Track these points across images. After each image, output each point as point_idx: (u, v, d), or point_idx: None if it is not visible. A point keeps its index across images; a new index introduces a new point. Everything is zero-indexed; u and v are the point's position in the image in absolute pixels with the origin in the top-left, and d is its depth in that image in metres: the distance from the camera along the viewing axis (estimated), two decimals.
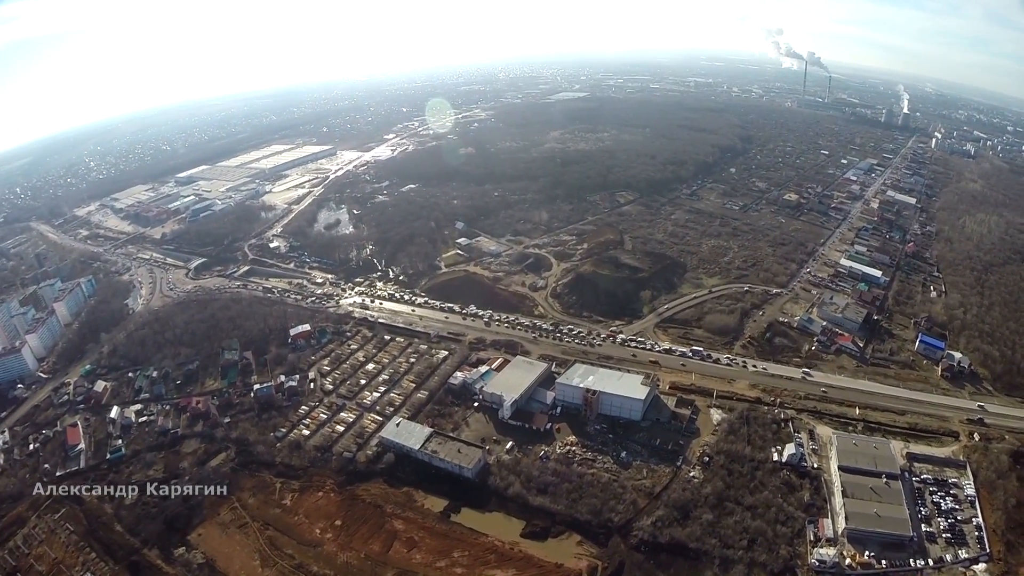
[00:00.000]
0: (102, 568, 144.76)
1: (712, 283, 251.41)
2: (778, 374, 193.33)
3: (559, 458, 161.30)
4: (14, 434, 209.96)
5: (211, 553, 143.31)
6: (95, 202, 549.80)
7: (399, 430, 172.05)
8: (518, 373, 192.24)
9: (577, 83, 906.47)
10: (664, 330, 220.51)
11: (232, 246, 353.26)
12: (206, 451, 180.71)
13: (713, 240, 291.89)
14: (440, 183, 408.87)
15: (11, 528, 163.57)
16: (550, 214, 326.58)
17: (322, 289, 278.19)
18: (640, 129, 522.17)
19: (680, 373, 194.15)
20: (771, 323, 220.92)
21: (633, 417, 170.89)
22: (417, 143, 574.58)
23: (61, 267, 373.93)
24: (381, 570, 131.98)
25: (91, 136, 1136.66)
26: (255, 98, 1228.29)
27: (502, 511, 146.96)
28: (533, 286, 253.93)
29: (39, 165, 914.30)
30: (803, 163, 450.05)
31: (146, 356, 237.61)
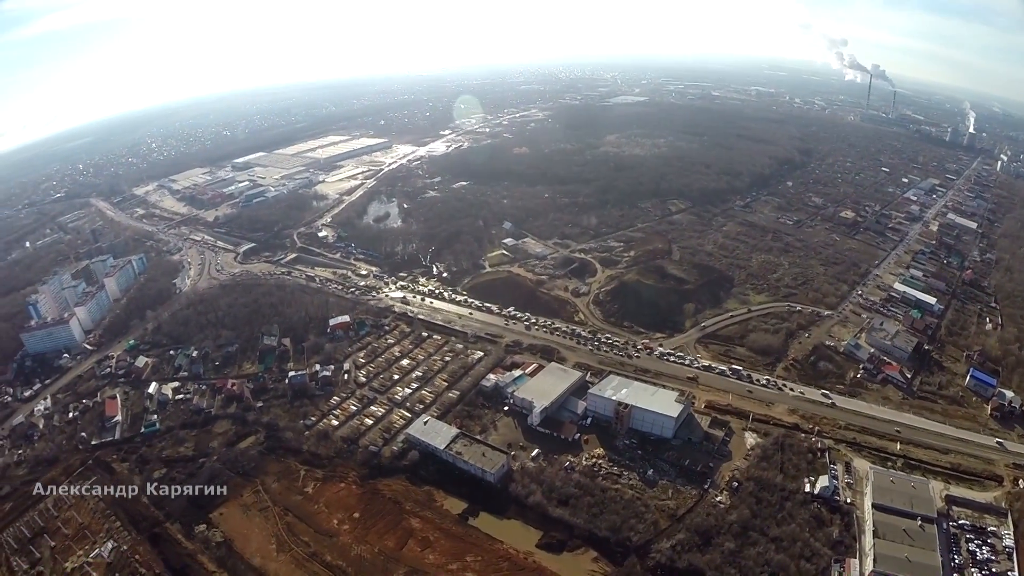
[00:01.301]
0: (124, 537, 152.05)
1: (759, 300, 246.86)
2: (819, 400, 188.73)
3: (584, 470, 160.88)
4: (56, 401, 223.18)
5: (230, 533, 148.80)
6: (153, 182, 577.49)
7: (426, 428, 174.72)
8: (551, 380, 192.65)
9: (637, 87, 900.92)
10: (705, 346, 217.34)
11: (281, 233, 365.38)
12: (236, 433, 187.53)
13: (763, 255, 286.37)
14: (491, 182, 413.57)
15: (43, 492, 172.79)
16: (599, 219, 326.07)
17: (365, 281, 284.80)
18: (697, 137, 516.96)
19: (717, 392, 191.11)
20: (817, 346, 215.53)
21: (664, 434, 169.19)
22: (472, 140, 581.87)
23: (115, 244, 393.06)
24: (393, 566, 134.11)
25: (154, 118, 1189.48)
26: (316, 88, 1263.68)
27: (520, 519, 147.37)
28: (576, 291, 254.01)
29: (102, 144, 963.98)
30: (862, 180, 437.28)
31: (188, 336, 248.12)
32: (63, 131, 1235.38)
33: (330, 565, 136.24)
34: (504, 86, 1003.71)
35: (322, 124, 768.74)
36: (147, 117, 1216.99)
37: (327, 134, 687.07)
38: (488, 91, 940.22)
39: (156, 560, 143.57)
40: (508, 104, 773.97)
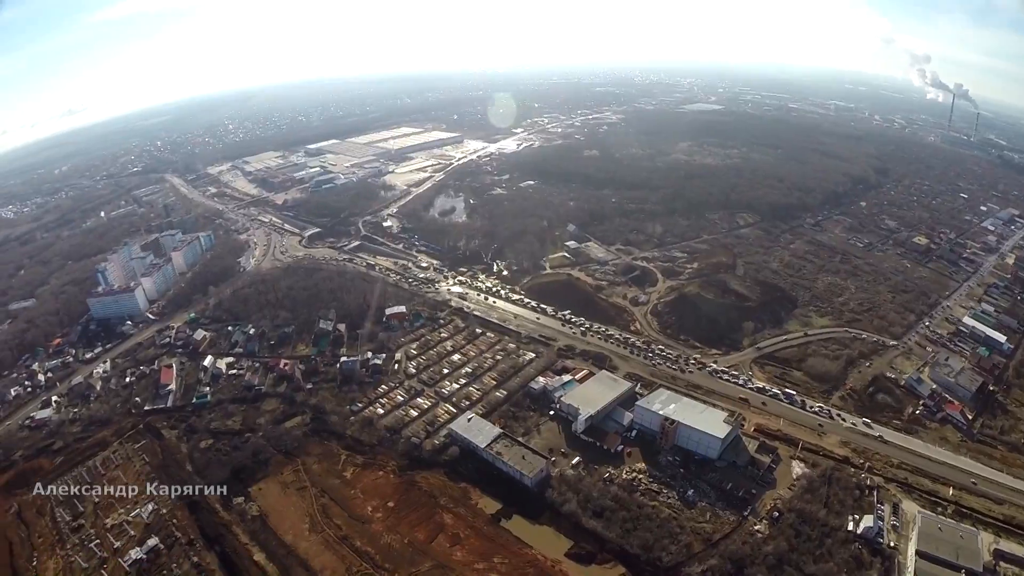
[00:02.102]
0: (165, 502, 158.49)
1: (821, 323, 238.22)
2: (873, 434, 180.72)
3: (623, 483, 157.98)
4: (115, 365, 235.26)
5: (266, 508, 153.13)
6: (227, 163, 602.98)
7: (469, 425, 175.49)
8: (600, 388, 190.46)
9: (714, 95, 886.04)
10: (761, 367, 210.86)
11: (347, 220, 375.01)
12: (284, 412, 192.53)
13: (830, 277, 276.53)
14: (559, 183, 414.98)
15: (94, 449, 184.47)
16: (664, 227, 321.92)
17: (425, 274, 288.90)
18: (771, 149, 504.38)
19: (768, 416, 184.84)
20: (877, 377, 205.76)
21: (709, 455, 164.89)
22: (544, 140, 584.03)
23: (185, 219, 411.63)
24: (419, 559, 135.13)
25: (232, 101, 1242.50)
26: (393, 79, 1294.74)
27: (553, 526, 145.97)
28: (634, 300, 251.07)
29: (181, 122, 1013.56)
30: (939, 205, 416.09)
31: (247, 313, 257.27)
32: (144, 108, 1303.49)
33: (359, 550, 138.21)
34: (579, 87, 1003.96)
35: (396, 115, 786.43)
36: (225, 99, 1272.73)
37: (400, 125, 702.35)
38: (563, 91, 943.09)
39: (193, 526, 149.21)
40: (582, 105, 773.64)
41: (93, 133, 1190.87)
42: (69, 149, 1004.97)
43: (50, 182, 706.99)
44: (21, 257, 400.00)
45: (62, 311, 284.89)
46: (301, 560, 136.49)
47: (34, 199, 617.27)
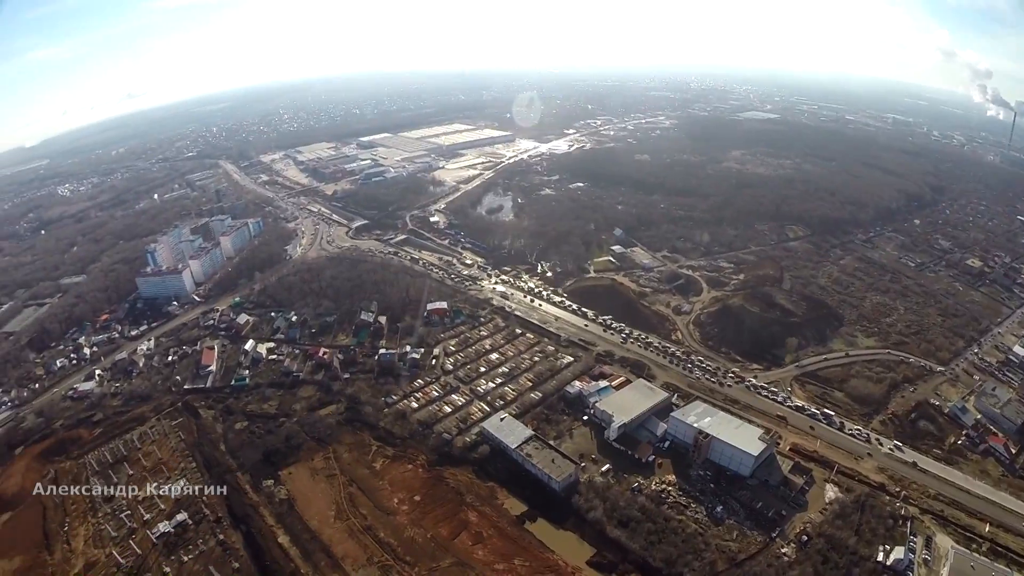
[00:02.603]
0: (196, 478, 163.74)
1: (867, 343, 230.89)
2: (912, 463, 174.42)
3: (651, 495, 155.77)
4: (159, 343, 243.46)
5: (294, 493, 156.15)
6: (280, 151, 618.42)
7: (501, 425, 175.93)
8: (635, 396, 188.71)
9: (769, 103, 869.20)
10: (802, 385, 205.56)
11: (395, 213, 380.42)
12: (319, 399, 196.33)
13: (879, 296, 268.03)
14: (608, 186, 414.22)
15: (132, 423, 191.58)
16: (712, 236, 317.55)
17: (469, 271, 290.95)
18: (825, 162, 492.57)
19: (805, 436, 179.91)
20: (920, 403, 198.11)
21: (741, 472, 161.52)
22: (595, 142, 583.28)
23: (236, 205, 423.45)
24: (440, 554, 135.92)
25: (289, 91, 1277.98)
26: (448, 76, 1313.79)
27: (577, 532, 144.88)
28: (677, 309, 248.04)
29: (237, 110, 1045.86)
30: (995, 227, 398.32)
31: (290, 301, 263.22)
32: (202, 95, 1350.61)
33: (381, 541, 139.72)
34: (634, 90, 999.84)
35: (449, 111, 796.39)
36: (282, 90, 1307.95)
37: (453, 122, 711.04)
38: (617, 93, 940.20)
39: (221, 505, 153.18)
40: (635, 109, 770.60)
41: (151, 117, 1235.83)
42: (127, 132, 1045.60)
43: (107, 163, 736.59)
44: (75, 234, 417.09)
45: (111, 288, 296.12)
46: (324, 546, 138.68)
47: (91, 178, 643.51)
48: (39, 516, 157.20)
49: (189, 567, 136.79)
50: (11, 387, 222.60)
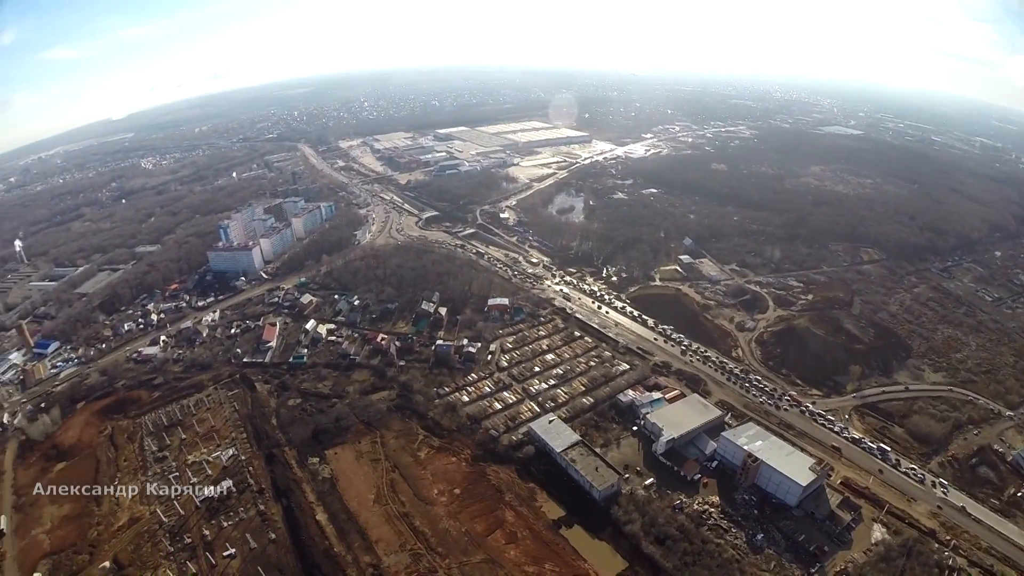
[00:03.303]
0: (245, 448, 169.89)
1: (933, 379, 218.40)
2: (967, 511, 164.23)
3: (692, 514, 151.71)
4: (223, 316, 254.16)
5: (338, 473, 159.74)
6: (358, 139, 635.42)
7: (549, 427, 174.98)
8: (688, 412, 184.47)
9: (854, 119, 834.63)
10: (861, 416, 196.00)
11: (465, 207, 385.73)
12: (373, 384, 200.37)
13: (951, 329, 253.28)
14: (682, 193, 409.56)
15: (190, 390, 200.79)
16: (784, 253, 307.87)
17: (534, 269, 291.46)
18: (907, 183, 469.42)
19: (858, 471, 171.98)
20: (983, 447, 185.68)
21: (787, 500, 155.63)
22: (672, 148, 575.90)
23: (310, 188, 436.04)
24: (473, 550, 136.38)
25: (371, 79, 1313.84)
26: (530, 72, 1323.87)
27: (611, 544, 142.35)
28: (740, 325, 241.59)
29: (319, 96, 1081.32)
30: None
31: (355, 285, 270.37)
32: (285, 79, 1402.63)
33: (416, 530, 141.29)
34: (716, 97, 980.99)
35: (528, 109, 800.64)
36: (364, 78, 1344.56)
37: (531, 119, 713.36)
38: (698, 100, 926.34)
39: (266, 476, 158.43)
40: (716, 116, 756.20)
41: (234, 98, 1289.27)
42: (211, 110, 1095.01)
43: (189, 139, 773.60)
44: (154, 205, 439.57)
45: (183, 259, 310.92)
46: (360, 528, 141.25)
47: (173, 153, 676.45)
48: (92, 468, 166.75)
49: (228, 532, 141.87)
50: (79, 345, 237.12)
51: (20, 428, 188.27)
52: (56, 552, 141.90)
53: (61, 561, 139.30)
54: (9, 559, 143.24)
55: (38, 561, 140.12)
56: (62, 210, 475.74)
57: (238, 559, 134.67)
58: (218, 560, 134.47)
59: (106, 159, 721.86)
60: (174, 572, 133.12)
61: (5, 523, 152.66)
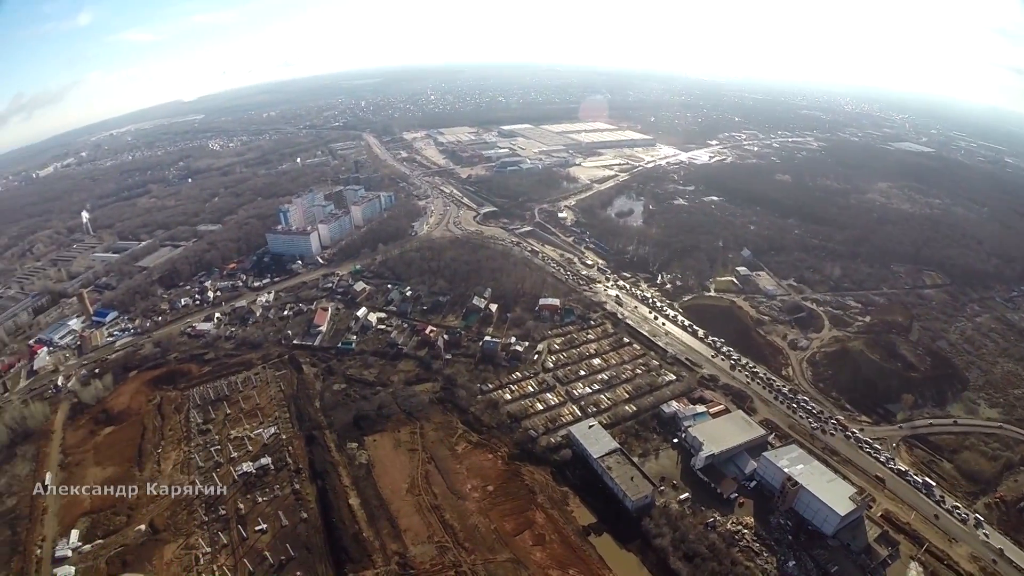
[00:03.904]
0: (287, 428, 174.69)
1: (988, 415, 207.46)
2: (1010, 557, 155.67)
3: (724, 533, 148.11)
4: (277, 297, 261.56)
5: (374, 459, 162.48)
6: (423, 131, 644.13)
7: (588, 432, 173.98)
8: (731, 428, 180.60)
9: (925, 136, 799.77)
10: (909, 448, 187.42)
11: (524, 204, 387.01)
12: (417, 375, 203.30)
13: (1011, 364, 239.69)
14: (743, 203, 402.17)
15: (239, 367, 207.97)
16: (843, 271, 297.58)
17: (588, 271, 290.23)
18: (976, 206, 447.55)
19: (901, 505, 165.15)
20: None
21: (824, 529, 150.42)
22: (737, 156, 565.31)
23: (371, 177, 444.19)
24: (499, 548, 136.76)
25: (438, 73, 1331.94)
26: (598, 73, 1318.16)
27: (639, 556, 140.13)
28: (793, 343, 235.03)
29: (387, 87, 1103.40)
30: None
31: (408, 275, 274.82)
32: (353, 69, 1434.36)
33: (445, 522, 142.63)
34: (785, 106, 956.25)
35: (592, 108, 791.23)
36: (431, 71, 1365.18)
37: (596, 119, 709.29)
38: (767, 108, 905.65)
39: (304, 457, 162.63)
40: (784, 126, 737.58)
41: (303, 85, 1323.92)
42: (279, 96, 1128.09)
43: (257, 124, 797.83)
44: (218, 186, 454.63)
45: (242, 240, 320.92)
46: (390, 516, 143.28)
47: (240, 136, 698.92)
48: (138, 435, 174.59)
49: (262, 508, 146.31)
50: (136, 316, 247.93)
51: (73, 391, 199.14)
52: (95, 512, 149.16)
53: (99, 520, 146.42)
54: (50, 514, 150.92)
55: (77, 518, 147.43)
56: (129, 186, 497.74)
57: (269, 534, 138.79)
58: (249, 534, 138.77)
59: (175, 139, 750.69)
60: (206, 541, 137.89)
61: (50, 479, 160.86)
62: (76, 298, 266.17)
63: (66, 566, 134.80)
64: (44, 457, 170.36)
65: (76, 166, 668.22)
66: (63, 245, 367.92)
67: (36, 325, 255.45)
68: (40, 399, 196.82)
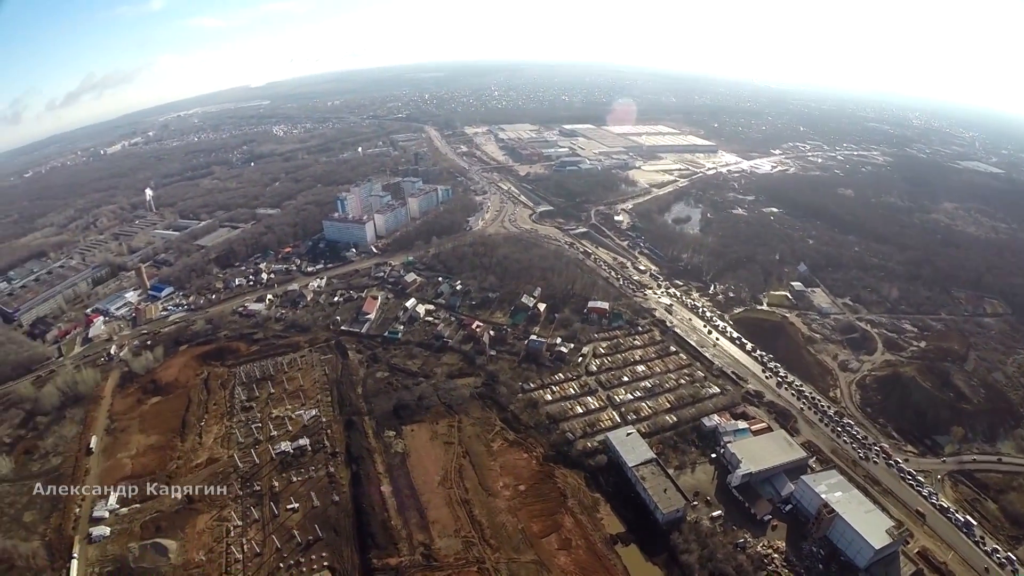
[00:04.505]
0: (327, 412, 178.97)
1: None
2: None
3: (754, 556, 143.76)
4: (329, 283, 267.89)
5: (410, 449, 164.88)
6: (484, 126, 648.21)
7: (625, 440, 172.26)
8: (771, 447, 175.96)
9: (995, 156, 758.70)
10: (954, 484, 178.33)
11: (581, 205, 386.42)
12: (460, 369, 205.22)
13: None
14: (803, 216, 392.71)
15: (286, 349, 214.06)
16: (901, 293, 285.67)
17: (640, 277, 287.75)
18: None
19: (940, 543, 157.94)
20: None
21: (856, 561, 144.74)
22: (800, 167, 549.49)
23: (430, 170, 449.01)
24: (524, 549, 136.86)
25: (503, 69, 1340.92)
26: (662, 76, 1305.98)
27: (664, 570, 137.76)
28: (844, 364, 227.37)
29: (451, 81, 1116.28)
30: None
31: (459, 270, 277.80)
32: (418, 62, 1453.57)
33: (474, 518, 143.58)
34: (850, 118, 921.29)
35: (657, 112, 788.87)
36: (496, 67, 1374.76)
37: (658, 123, 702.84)
38: (833, 119, 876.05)
39: (342, 441, 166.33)
40: (849, 138, 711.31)
41: (368, 76, 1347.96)
42: (345, 86, 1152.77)
43: (321, 112, 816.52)
44: (279, 171, 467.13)
45: (299, 225, 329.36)
46: (420, 506, 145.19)
47: (304, 124, 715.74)
48: (183, 406, 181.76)
49: (295, 487, 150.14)
50: (191, 293, 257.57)
51: (125, 360, 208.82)
52: (135, 477, 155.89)
53: (138, 485, 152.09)
54: (92, 475, 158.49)
55: (118, 482, 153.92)
56: (193, 166, 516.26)
57: (299, 514, 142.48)
58: (281, 511, 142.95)
59: (240, 123, 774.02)
60: (238, 514, 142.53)
61: (95, 443, 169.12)
62: (134, 272, 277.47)
63: (102, 526, 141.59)
64: (92, 421, 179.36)
65: (143, 145, 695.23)
66: (126, 220, 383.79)
67: (94, 295, 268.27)
68: (92, 366, 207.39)
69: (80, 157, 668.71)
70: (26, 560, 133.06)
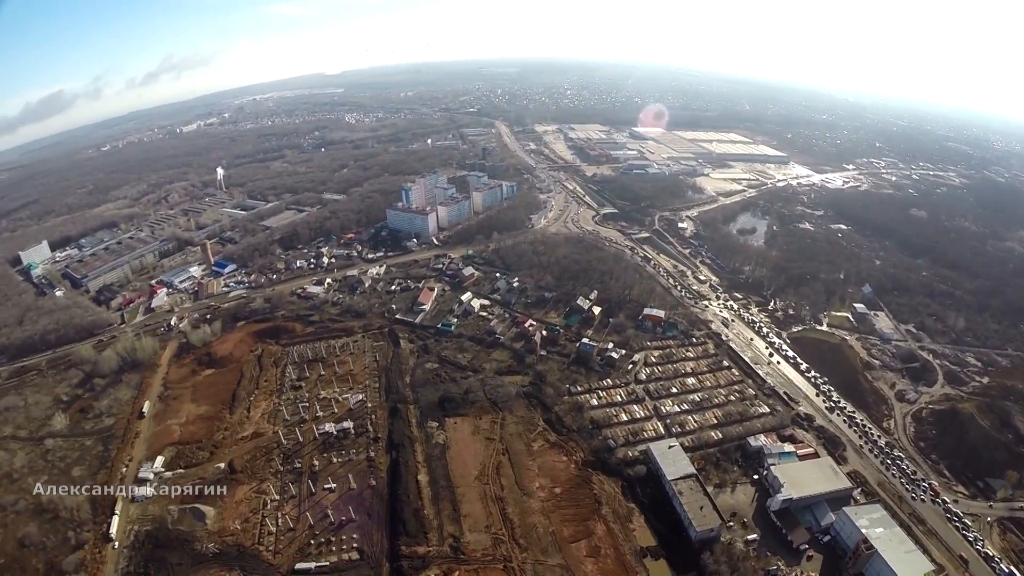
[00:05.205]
0: (373, 397, 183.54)
1: None
2: None
3: None
4: (388, 272, 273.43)
5: (451, 441, 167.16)
6: (554, 124, 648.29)
7: (667, 452, 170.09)
8: (816, 474, 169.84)
9: None
10: (1003, 531, 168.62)
11: (645, 210, 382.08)
12: (509, 367, 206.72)
13: None
14: (872, 235, 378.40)
15: (340, 333, 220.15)
16: (968, 324, 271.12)
17: (699, 287, 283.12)
18: None
19: None
20: None
21: None
22: (873, 184, 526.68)
23: (497, 166, 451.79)
24: (552, 552, 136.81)
25: (577, 68, 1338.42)
26: (737, 82, 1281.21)
27: None
28: (901, 394, 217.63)
29: (524, 78, 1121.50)
30: None
31: (518, 267, 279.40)
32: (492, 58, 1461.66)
33: (505, 516, 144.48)
34: (930, 136, 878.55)
35: (730, 119, 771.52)
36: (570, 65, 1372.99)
37: (731, 130, 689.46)
38: (911, 136, 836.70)
39: (385, 427, 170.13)
40: (926, 157, 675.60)
41: (442, 69, 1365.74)
42: (419, 78, 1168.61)
43: (394, 102, 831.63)
44: (348, 158, 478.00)
45: (363, 212, 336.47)
46: (454, 499, 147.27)
47: (376, 113, 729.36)
48: (234, 380, 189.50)
49: (334, 468, 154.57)
50: (253, 271, 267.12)
51: (183, 332, 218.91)
52: (182, 443, 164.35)
53: (184, 452, 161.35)
54: (141, 439, 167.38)
55: (165, 447, 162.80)
56: (265, 149, 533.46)
57: (335, 494, 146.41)
58: (318, 490, 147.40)
59: (314, 109, 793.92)
60: (276, 489, 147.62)
61: (148, 408, 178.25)
62: (200, 247, 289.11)
63: (146, 487, 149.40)
64: (146, 387, 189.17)
65: (218, 126, 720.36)
66: (196, 197, 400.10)
67: (160, 267, 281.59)
68: (152, 335, 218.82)
69: (156, 134, 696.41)
70: (71, 512, 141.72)
